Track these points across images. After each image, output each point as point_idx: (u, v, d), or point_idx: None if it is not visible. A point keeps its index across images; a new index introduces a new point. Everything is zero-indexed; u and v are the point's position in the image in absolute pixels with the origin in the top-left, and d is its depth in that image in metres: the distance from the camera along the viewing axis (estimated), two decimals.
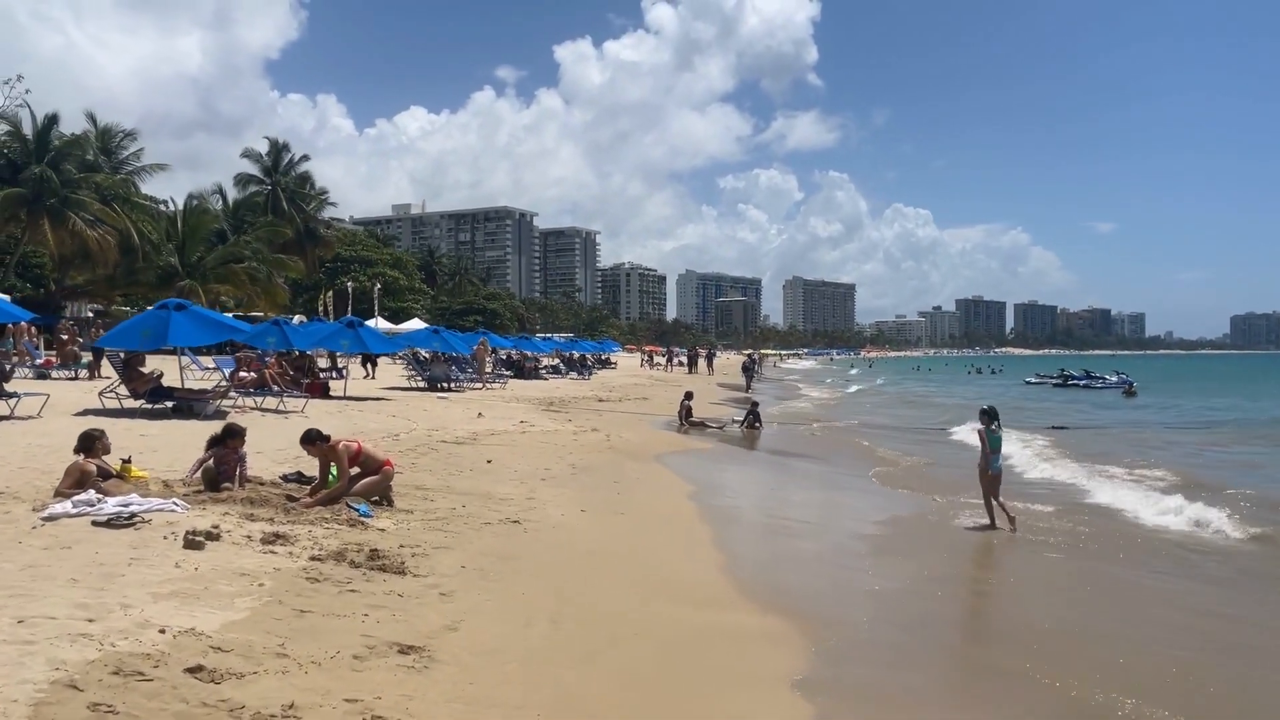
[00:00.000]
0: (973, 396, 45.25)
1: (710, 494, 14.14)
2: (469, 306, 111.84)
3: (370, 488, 9.70)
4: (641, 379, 49.57)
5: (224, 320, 18.62)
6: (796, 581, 9.00)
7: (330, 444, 9.68)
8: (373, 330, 27.56)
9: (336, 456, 9.60)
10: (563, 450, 16.37)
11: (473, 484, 12.05)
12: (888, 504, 13.97)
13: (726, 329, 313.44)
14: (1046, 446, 21.62)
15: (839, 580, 9.27)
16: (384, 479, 9.84)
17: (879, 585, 8.95)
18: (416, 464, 13.43)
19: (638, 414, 26.95)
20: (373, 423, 18.85)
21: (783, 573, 9.40)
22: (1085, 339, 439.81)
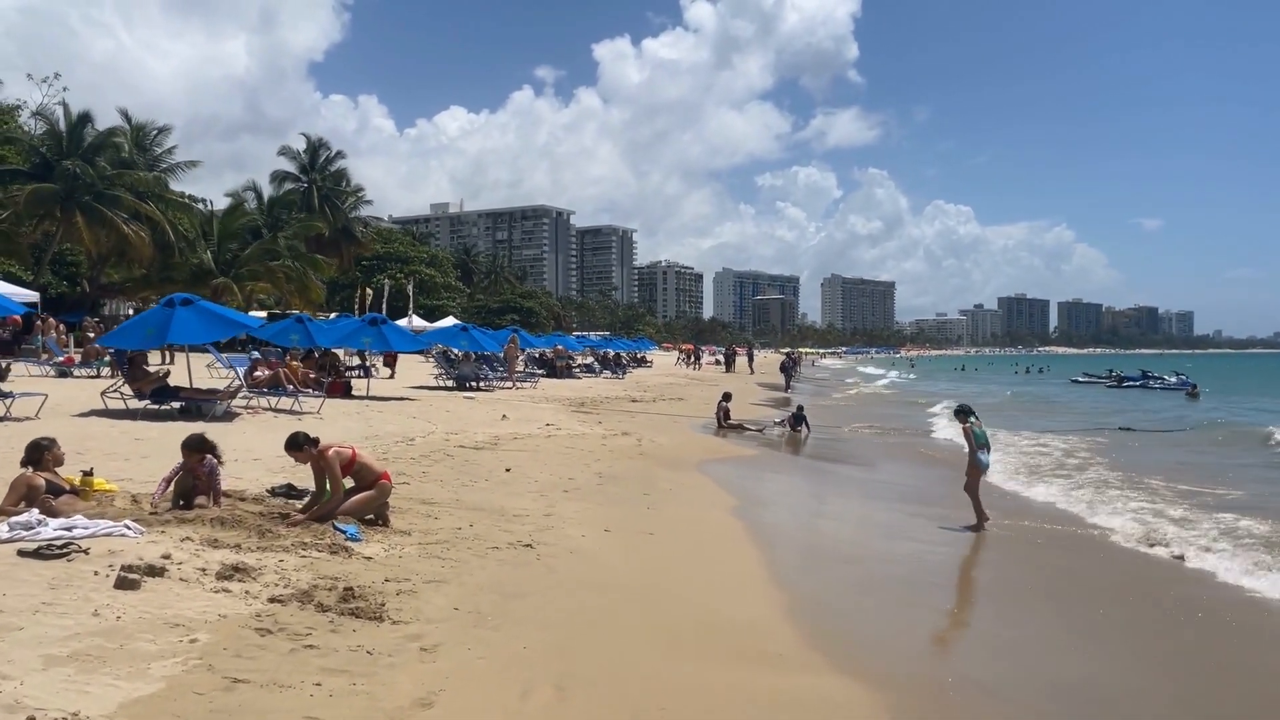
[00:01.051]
0: (1035, 398, 43.41)
1: (757, 509, 12.75)
2: (506, 305, 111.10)
3: (362, 505, 8.47)
4: (677, 378, 48.19)
5: (231, 316, 17.55)
6: (879, 628, 7.41)
7: (320, 449, 8.47)
8: (396, 327, 26.46)
9: (327, 464, 8.38)
10: (589, 457, 15.09)
11: (486, 497, 10.79)
12: (955, 518, 12.52)
13: (764, 327, 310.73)
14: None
15: (932, 626, 7.77)
16: (379, 495, 8.60)
17: (976, 629, 7.54)
18: (428, 473, 12.20)
19: (672, 416, 25.61)
20: (390, 424, 17.70)
21: (863, 616, 7.76)
22: (1131, 338, 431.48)
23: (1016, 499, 14.38)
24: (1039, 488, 15.29)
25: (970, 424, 11.85)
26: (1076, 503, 13.87)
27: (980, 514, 11.59)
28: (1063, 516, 12.94)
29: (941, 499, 13.93)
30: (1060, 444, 22.19)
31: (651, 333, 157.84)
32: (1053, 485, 15.42)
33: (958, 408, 12.47)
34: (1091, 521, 12.49)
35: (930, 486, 15.47)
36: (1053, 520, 12.59)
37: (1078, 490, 14.82)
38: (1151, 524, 11.85)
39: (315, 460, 8.43)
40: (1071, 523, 12.43)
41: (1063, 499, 14.23)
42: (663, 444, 17.77)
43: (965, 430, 11.91)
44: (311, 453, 8.42)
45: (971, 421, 11.86)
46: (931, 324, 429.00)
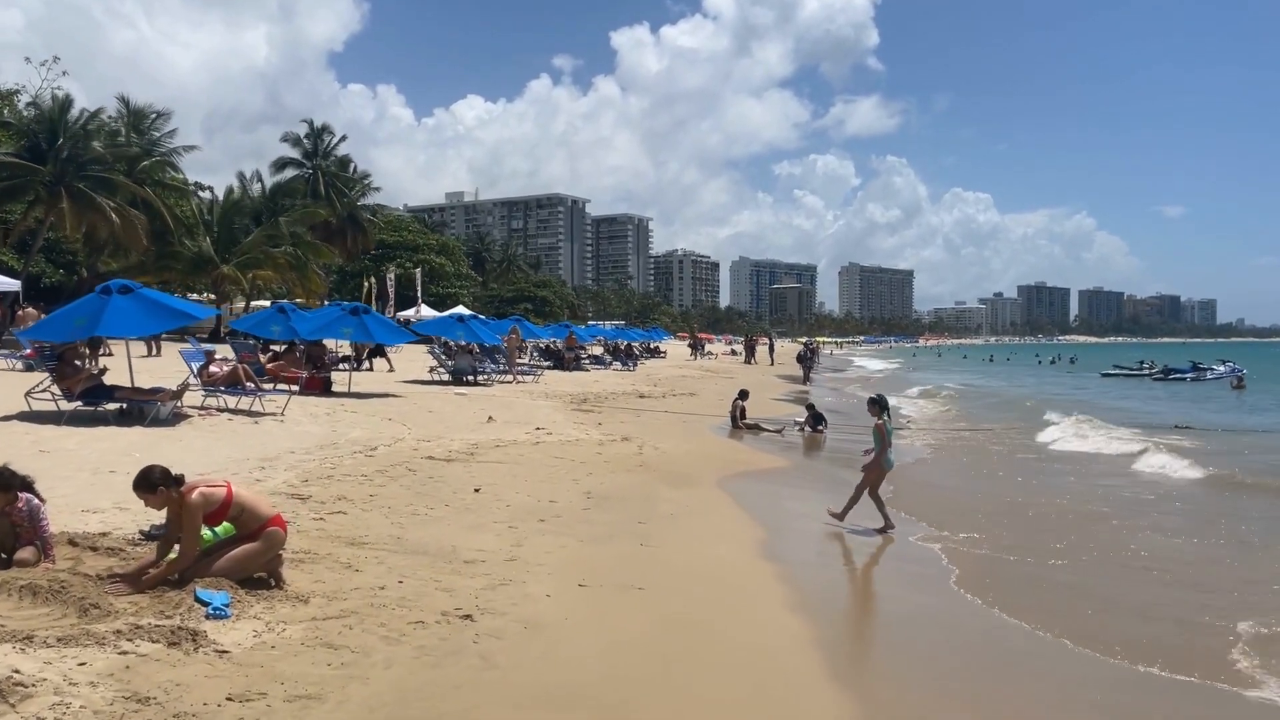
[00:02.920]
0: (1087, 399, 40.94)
1: (796, 547, 10.14)
2: (519, 294, 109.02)
3: (242, 562, 6.24)
4: (691, 371, 45.85)
5: (176, 305, 15.39)
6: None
7: (183, 491, 6.26)
8: (379, 317, 24.32)
9: (186, 513, 6.16)
10: (580, 470, 12.83)
11: (437, 532, 8.57)
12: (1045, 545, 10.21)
13: (780, 316, 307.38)
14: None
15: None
16: (266, 547, 6.36)
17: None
18: (376, 496, 9.99)
19: (683, 414, 23.32)
20: (357, 429, 15.52)
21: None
22: (1153, 326, 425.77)
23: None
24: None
25: (885, 420, 10.83)
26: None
27: (885, 516, 10.58)
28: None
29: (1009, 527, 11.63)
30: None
31: (667, 322, 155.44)
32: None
33: (874, 398, 11.25)
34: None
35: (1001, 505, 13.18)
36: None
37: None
38: None
39: (173, 505, 6.23)
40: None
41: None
42: (668, 452, 15.42)
43: (879, 427, 10.78)
44: (168, 495, 6.22)
45: (885, 418, 10.85)
46: (950, 312, 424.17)
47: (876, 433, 10.74)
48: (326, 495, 9.79)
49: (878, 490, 10.66)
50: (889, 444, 10.69)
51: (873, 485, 10.64)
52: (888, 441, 10.68)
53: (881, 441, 10.63)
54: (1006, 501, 13.22)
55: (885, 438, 10.66)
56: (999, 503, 13.09)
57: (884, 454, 10.62)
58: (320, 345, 24.96)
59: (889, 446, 10.68)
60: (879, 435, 10.69)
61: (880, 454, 10.60)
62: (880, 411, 10.82)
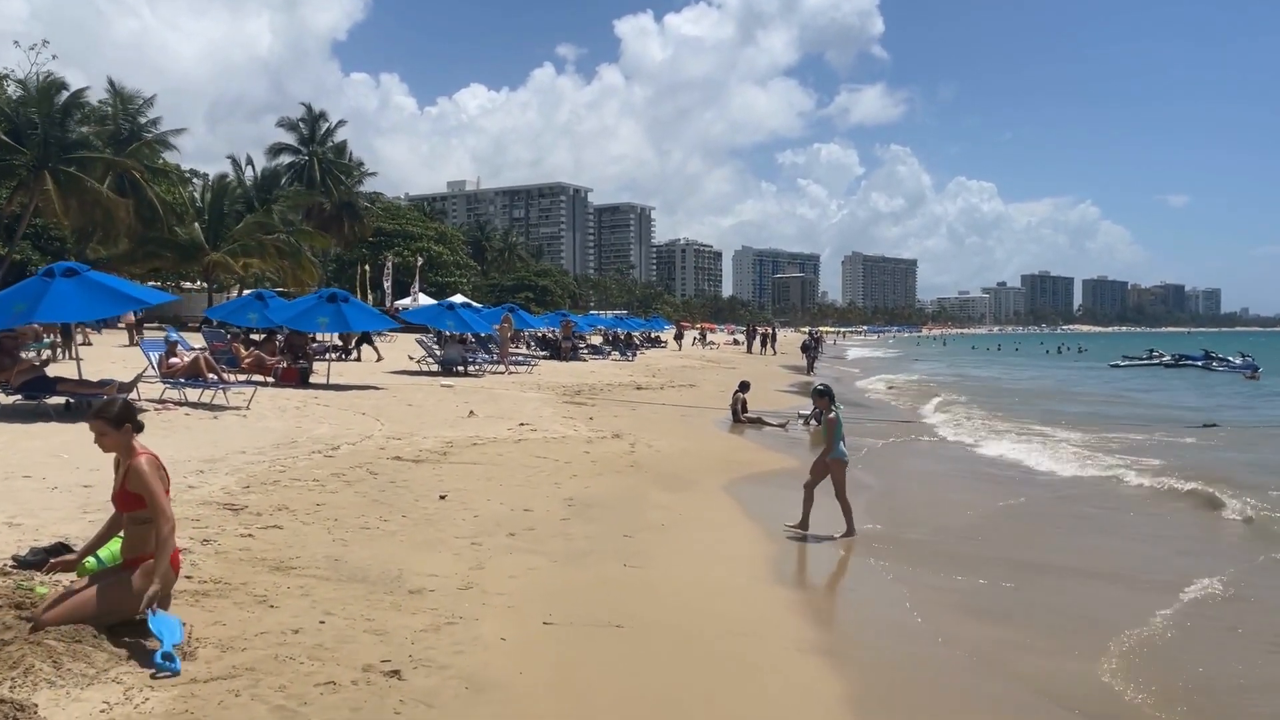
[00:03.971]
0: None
1: (813, 565, 8.72)
2: (520, 283, 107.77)
3: (123, 601, 5.00)
4: (691, 361, 44.53)
5: (125, 289, 14.11)
6: None
7: (138, 454, 5.17)
8: (359, 305, 23.01)
9: (141, 480, 5.04)
10: (563, 471, 11.56)
11: (384, 551, 7.31)
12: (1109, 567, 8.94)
13: (783, 306, 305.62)
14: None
15: None
16: (160, 584, 5.12)
17: None
18: (324, 506, 8.73)
19: (681, 407, 22.03)
20: (323, 425, 14.26)
21: None
22: (1157, 315, 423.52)
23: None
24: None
25: (836, 411, 9.61)
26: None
27: (849, 519, 9.45)
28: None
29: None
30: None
31: (669, 311, 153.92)
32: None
33: (819, 389, 9.95)
34: None
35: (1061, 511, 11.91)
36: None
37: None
38: None
39: (129, 457, 5.15)
40: None
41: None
42: (663, 450, 14.11)
43: (832, 422, 9.54)
44: (128, 440, 5.18)
45: (838, 408, 9.66)
46: (954, 302, 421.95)
47: (828, 427, 9.53)
48: (265, 505, 8.54)
49: (813, 489, 9.51)
50: (840, 436, 9.52)
51: (829, 483, 9.47)
52: (839, 434, 9.50)
53: (833, 435, 9.45)
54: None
55: (836, 430, 9.48)
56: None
57: (838, 446, 9.45)
58: (301, 334, 23.71)
59: (840, 439, 9.50)
60: (831, 430, 9.49)
61: (831, 447, 9.44)
62: (830, 403, 9.59)
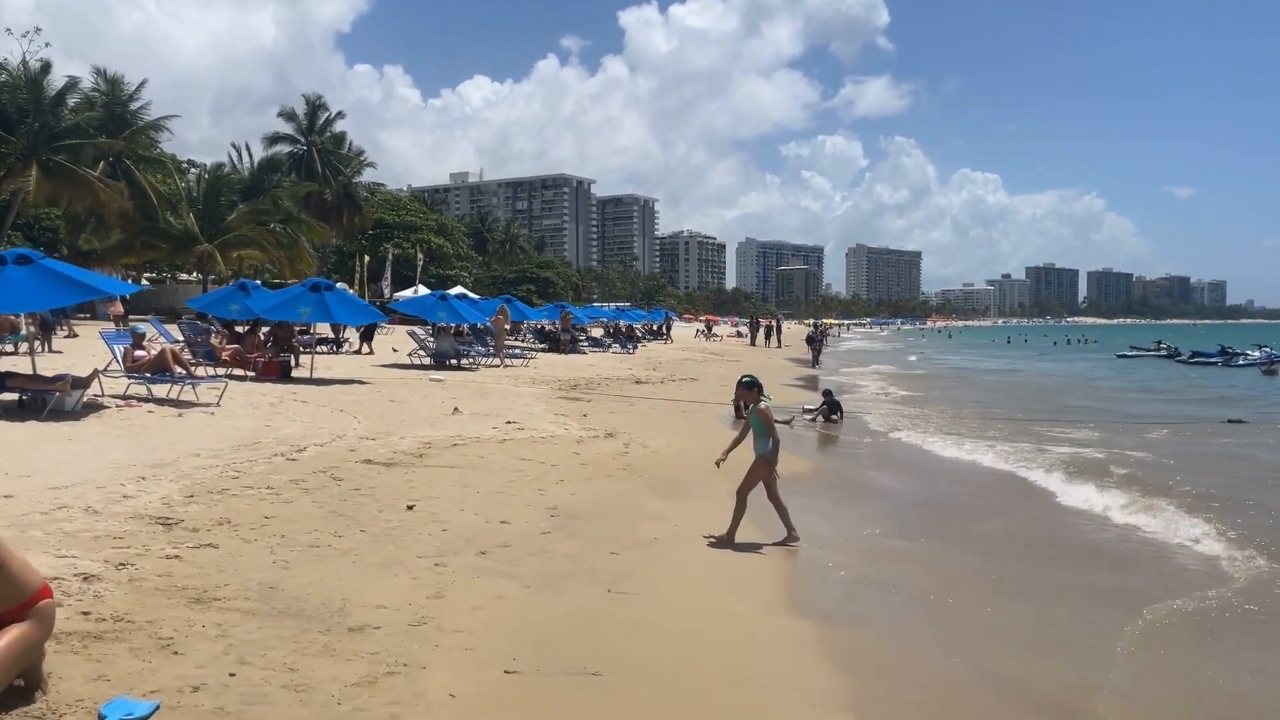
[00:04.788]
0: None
1: (838, 590, 7.53)
2: (522, 275, 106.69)
3: (19, 654, 3.99)
4: (694, 353, 43.50)
5: (83, 278, 13.11)
6: None
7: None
8: (343, 295, 22.00)
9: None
10: (549, 476, 10.55)
11: (329, 576, 6.31)
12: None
13: (787, 298, 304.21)
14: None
15: None
16: (43, 631, 4.13)
17: None
18: (273, 518, 7.74)
19: (681, 402, 21.03)
20: (294, 424, 13.27)
21: None
22: (1162, 308, 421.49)
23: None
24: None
25: (767, 404, 8.56)
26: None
27: (788, 522, 8.52)
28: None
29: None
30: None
31: (673, 304, 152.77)
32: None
33: (744, 380, 8.86)
34: None
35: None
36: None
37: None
38: None
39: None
40: None
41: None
42: (660, 451, 13.09)
43: (764, 412, 8.47)
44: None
45: (768, 399, 8.63)
46: (958, 294, 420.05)
47: (758, 419, 8.45)
48: (205, 519, 7.55)
49: (752, 487, 8.48)
50: (760, 434, 8.49)
51: (769, 483, 8.47)
52: (760, 428, 8.47)
53: (768, 428, 8.41)
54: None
55: (772, 422, 8.48)
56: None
57: (775, 439, 8.44)
58: (287, 326, 22.72)
59: (765, 434, 8.46)
60: (762, 421, 8.43)
61: (760, 440, 8.45)
62: (759, 394, 8.57)
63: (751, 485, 8.49)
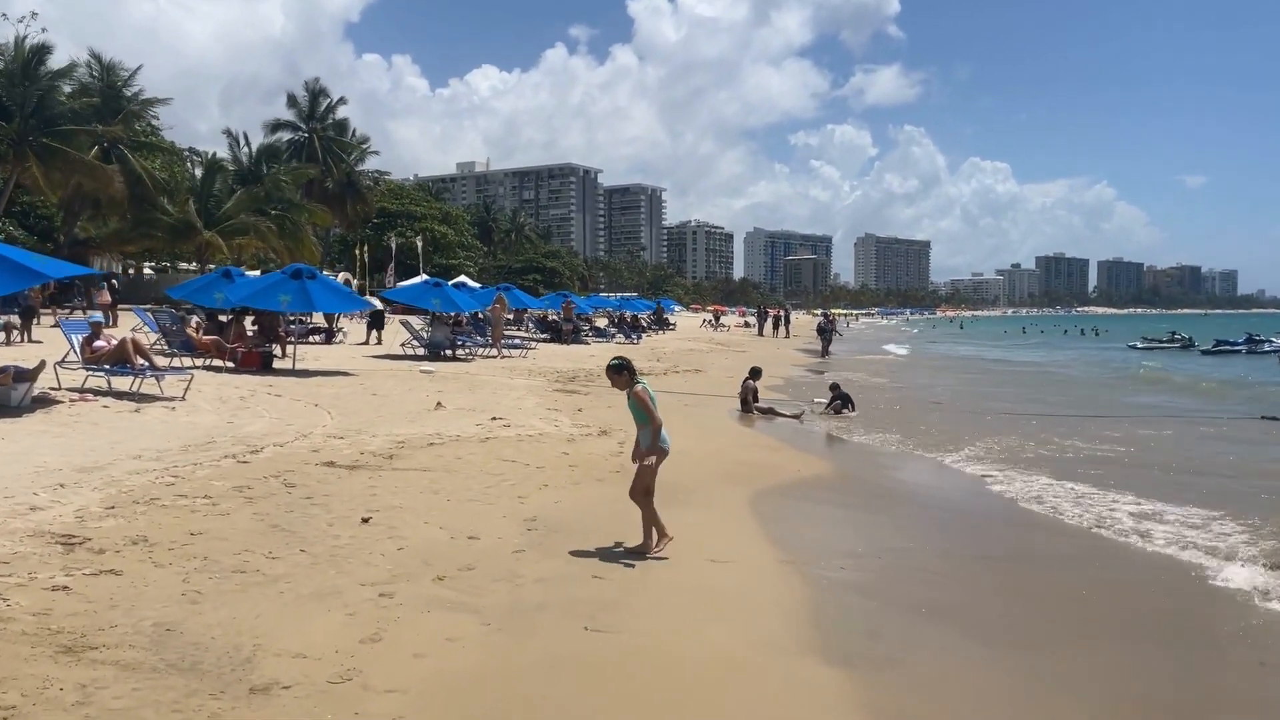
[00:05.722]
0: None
1: (874, 623, 6.17)
2: (528, 264, 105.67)
3: None
4: (700, 344, 42.32)
5: (27, 263, 12.00)
6: None
7: None
8: (326, 282, 20.84)
9: None
10: (532, 479, 9.42)
11: (249, 612, 5.20)
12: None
13: (795, 288, 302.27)
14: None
15: None
16: None
17: None
18: (201, 534, 6.63)
19: (685, 395, 19.87)
20: (265, 418, 12.20)
21: None
22: (1173, 297, 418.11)
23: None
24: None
25: (643, 386, 7.32)
26: None
27: (661, 528, 7.36)
28: None
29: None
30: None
31: (680, 294, 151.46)
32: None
33: (614, 363, 7.52)
34: None
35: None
36: None
37: None
38: None
39: None
40: None
41: None
42: None
43: (640, 393, 7.23)
44: None
45: (642, 382, 7.36)
46: (967, 284, 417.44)
47: (637, 404, 7.23)
48: (118, 536, 6.45)
49: (652, 488, 7.35)
50: (643, 423, 7.27)
51: (647, 484, 7.32)
52: (641, 416, 7.25)
53: (647, 415, 7.20)
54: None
55: (652, 407, 7.21)
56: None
57: (659, 431, 7.25)
58: (273, 315, 21.67)
59: (644, 426, 7.26)
60: (640, 407, 7.21)
61: (649, 431, 7.22)
62: (633, 377, 7.32)
63: (646, 482, 7.31)
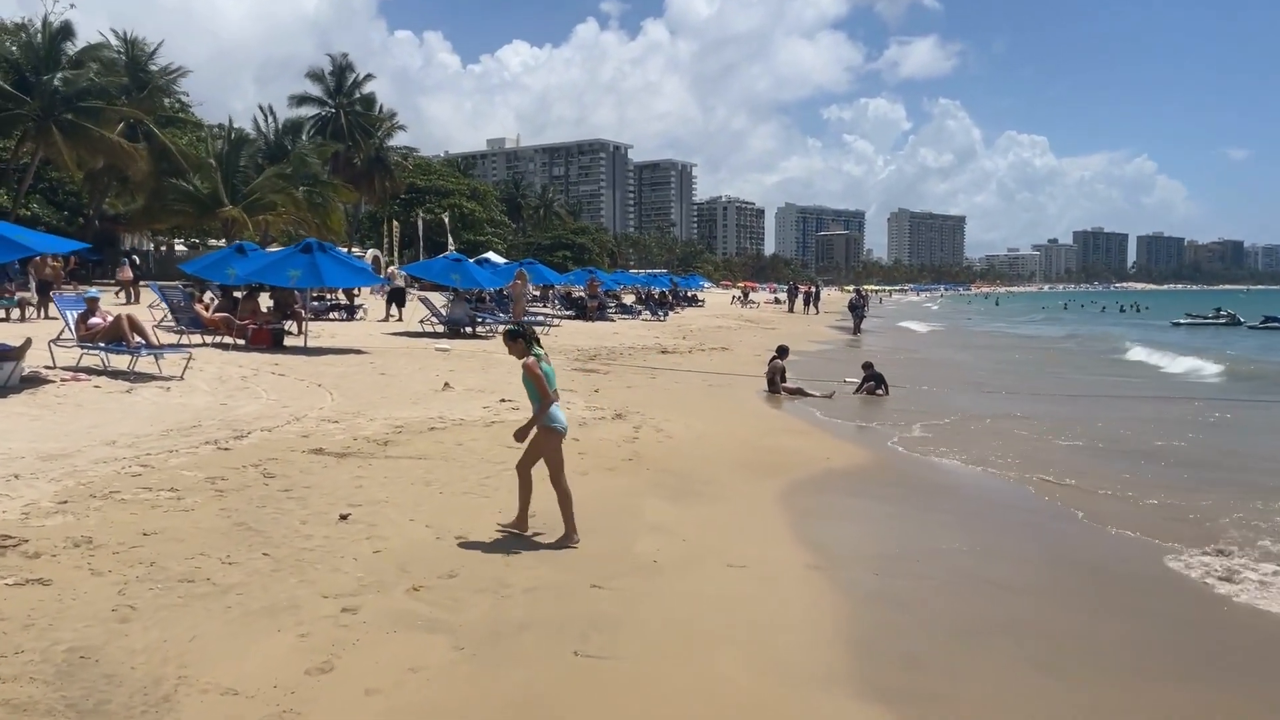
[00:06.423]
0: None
1: (935, 649, 5.17)
2: (557, 241, 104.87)
3: None
4: (728, 321, 41.41)
5: (9, 235, 11.41)
6: None
7: None
8: (336, 256, 20.17)
9: None
10: (536, 470, 8.70)
11: (181, 633, 4.49)
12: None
13: (827, 264, 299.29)
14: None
15: None
16: None
17: None
18: (152, 535, 5.94)
19: (709, 374, 19.06)
20: (260, 400, 11.55)
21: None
22: (1215, 273, 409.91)
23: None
24: None
25: (538, 356, 6.59)
26: None
27: (524, 514, 6.78)
28: None
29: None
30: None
31: (710, 270, 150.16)
32: None
33: (511, 330, 6.77)
34: None
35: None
36: None
37: None
38: None
39: None
40: None
41: None
42: (676, 435, 11.10)
43: (530, 367, 6.49)
44: None
45: (538, 353, 6.60)
46: (1003, 259, 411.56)
47: (525, 377, 6.54)
48: (61, 537, 5.77)
49: (533, 463, 6.70)
50: (539, 396, 6.52)
51: (552, 461, 6.65)
52: (533, 392, 6.54)
53: (538, 388, 6.49)
54: None
55: (544, 383, 6.50)
56: None
57: (549, 407, 6.50)
58: (289, 291, 21.06)
59: (539, 399, 6.52)
60: (530, 379, 6.51)
61: (544, 408, 6.50)
62: (528, 346, 6.59)
63: (533, 461, 6.68)
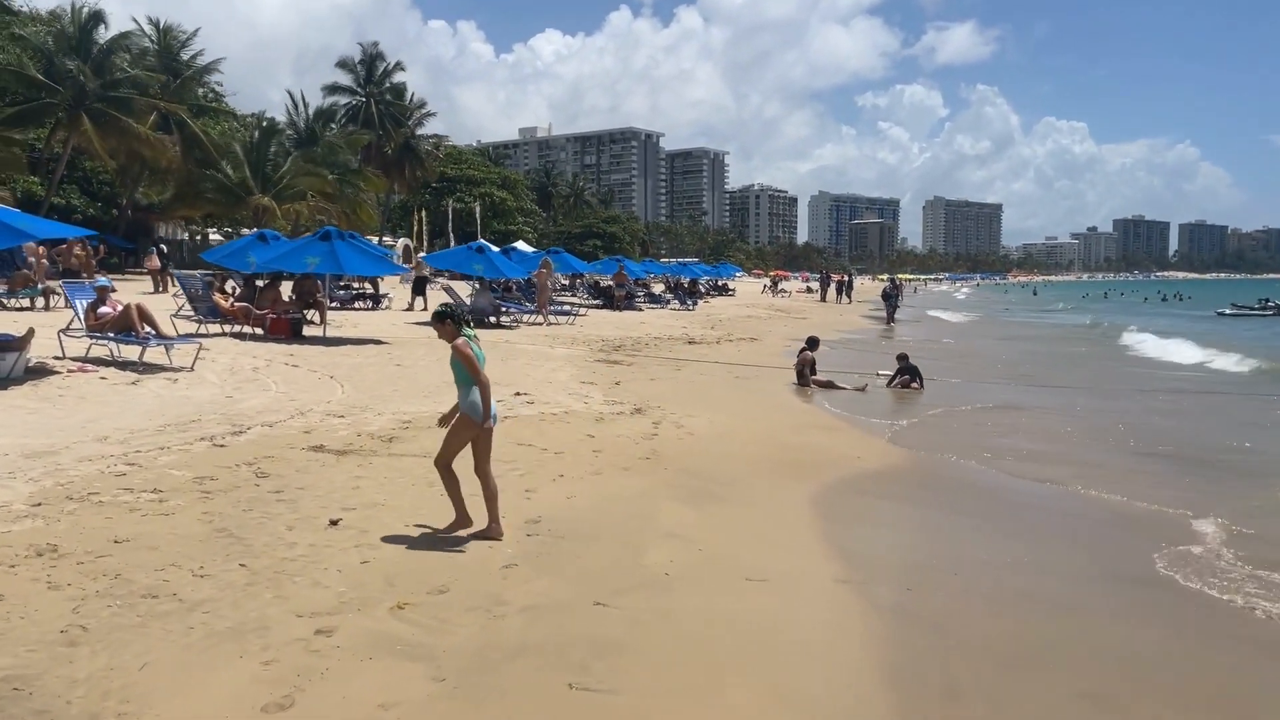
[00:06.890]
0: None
1: (952, 682, 4.56)
2: (587, 230, 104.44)
3: None
4: (758, 310, 40.72)
5: (11, 221, 11.10)
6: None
7: None
8: (357, 244, 19.80)
9: None
10: (547, 467, 8.20)
11: (133, 659, 4.04)
12: None
13: (861, 253, 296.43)
14: None
15: None
16: None
17: None
18: (124, 543, 5.51)
19: (737, 366, 18.49)
20: (268, 392, 11.17)
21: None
22: (1258, 261, 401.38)
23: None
24: None
25: (468, 338, 6.14)
26: None
27: (462, 513, 6.28)
28: None
29: None
30: None
31: (741, 259, 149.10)
32: None
33: (440, 310, 6.30)
34: None
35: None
36: None
37: None
38: None
39: None
40: None
41: None
42: (697, 431, 10.56)
43: (460, 349, 6.05)
44: None
45: (468, 334, 6.16)
46: (1040, 248, 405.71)
47: (455, 360, 6.10)
48: (25, 544, 5.36)
49: (454, 454, 6.20)
50: (466, 383, 6.07)
51: (479, 450, 6.18)
52: (462, 376, 6.08)
53: (469, 372, 6.03)
54: None
55: (475, 364, 6.03)
56: None
57: (486, 394, 6.03)
58: (311, 279, 20.75)
59: (471, 384, 6.04)
60: (460, 362, 6.06)
61: (482, 394, 6.00)
62: (458, 328, 6.14)
63: (454, 452, 6.19)
